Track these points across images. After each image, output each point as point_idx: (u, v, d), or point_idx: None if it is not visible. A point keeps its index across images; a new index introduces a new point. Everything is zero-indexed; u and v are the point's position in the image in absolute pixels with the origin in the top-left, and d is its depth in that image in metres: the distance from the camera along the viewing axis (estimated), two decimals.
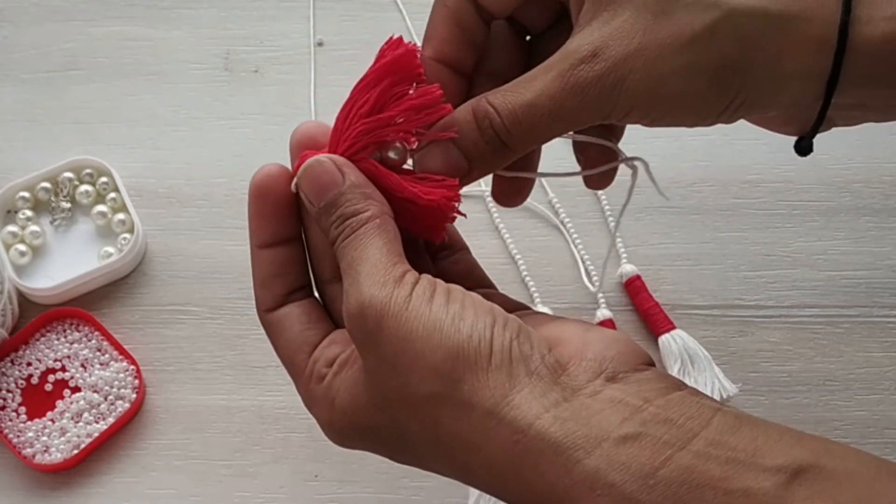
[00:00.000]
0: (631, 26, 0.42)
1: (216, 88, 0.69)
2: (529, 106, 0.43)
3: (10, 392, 0.59)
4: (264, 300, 0.46)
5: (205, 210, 0.65)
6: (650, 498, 0.36)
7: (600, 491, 0.36)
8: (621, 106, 0.43)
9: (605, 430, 0.37)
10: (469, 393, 0.38)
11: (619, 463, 0.36)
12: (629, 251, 0.64)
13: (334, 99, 0.68)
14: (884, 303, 0.62)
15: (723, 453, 0.37)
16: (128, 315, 0.62)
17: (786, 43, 0.42)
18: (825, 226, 0.64)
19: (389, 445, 0.43)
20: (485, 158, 0.44)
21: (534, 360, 0.39)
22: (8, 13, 0.71)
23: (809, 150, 0.46)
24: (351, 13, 0.72)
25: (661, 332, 0.61)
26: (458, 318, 0.40)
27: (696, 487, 0.36)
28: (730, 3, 0.42)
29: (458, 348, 0.39)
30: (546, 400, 0.38)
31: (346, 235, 0.42)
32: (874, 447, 0.58)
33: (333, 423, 0.43)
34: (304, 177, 0.44)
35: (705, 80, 0.42)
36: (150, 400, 0.60)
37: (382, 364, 0.40)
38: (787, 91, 0.43)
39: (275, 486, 0.58)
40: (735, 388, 0.59)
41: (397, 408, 0.41)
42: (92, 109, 0.68)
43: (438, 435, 0.40)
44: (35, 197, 0.64)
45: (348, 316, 0.41)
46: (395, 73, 0.44)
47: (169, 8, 0.72)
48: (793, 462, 0.36)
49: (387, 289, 0.40)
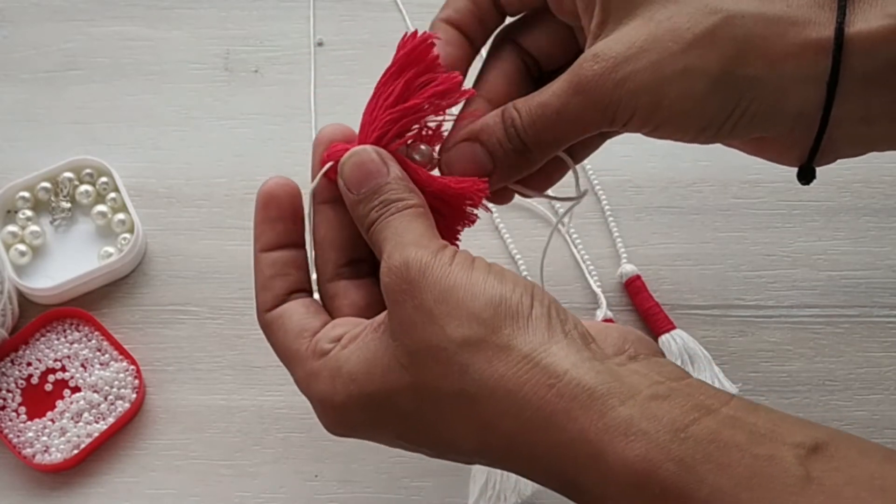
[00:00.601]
0: (635, 31, 0.44)
1: (216, 88, 0.69)
2: (542, 105, 0.45)
3: (10, 392, 0.59)
4: (264, 301, 0.46)
5: (205, 210, 0.65)
6: (681, 449, 0.37)
7: (633, 437, 0.37)
8: (624, 108, 0.44)
9: (637, 387, 0.39)
10: (507, 337, 0.40)
11: (652, 414, 0.38)
12: (629, 251, 0.64)
13: (334, 99, 0.69)
14: (884, 303, 0.62)
15: (745, 426, 0.38)
16: (128, 315, 0.62)
17: (785, 47, 0.43)
18: (825, 226, 0.64)
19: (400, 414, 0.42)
20: (508, 158, 0.46)
21: (568, 324, 0.41)
22: (8, 13, 0.71)
23: (812, 177, 0.47)
24: (351, 13, 0.72)
25: (661, 331, 0.61)
26: (500, 278, 0.41)
27: (724, 447, 0.37)
28: (729, 9, 0.43)
29: (501, 298, 0.40)
30: (581, 355, 0.40)
31: (391, 214, 0.44)
32: None
33: (336, 394, 0.43)
34: (350, 163, 0.45)
35: (707, 83, 0.43)
36: (150, 400, 0.60)
37: (419, 313, 0.41)
38: (788, 97, 0.43)
39: (275, 486, 0.58)
40: (735, 388, 0.59)
41: (425, 359, 0.41)
42: (92, 109, 0.68)
43: (465, 385, 0.40)
44: (35, 197, 0.64)
45: (389, 269, 0.42)
46: (414, 64, 0.46)
47: (169, 8, 0.72)
48: (810, 439, 0.37)
49: (431, 251, 0.42)
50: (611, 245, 0.64)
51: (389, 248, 0.42)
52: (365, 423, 0.44)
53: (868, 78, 0.43)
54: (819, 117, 0.44)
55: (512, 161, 0.46)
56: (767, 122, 0.44)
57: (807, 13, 0.43)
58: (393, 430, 0.43)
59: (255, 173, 0.66)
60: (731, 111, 0.44)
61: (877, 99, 0.43)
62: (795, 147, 0.46)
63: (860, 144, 0.46)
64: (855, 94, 0.43)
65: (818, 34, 0.42)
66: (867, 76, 0.43)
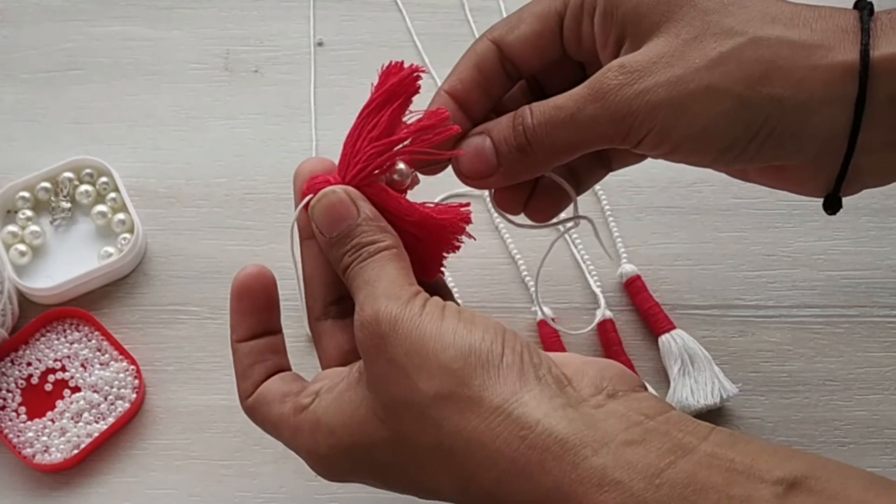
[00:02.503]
0: (661, 49, 0.43)
1: (216, 88, 0.69)
2: (556, 107, 0.45)
3: (10, 392, 0.59)
4: (245, 389, 0.47)
5: (205, 210, 0.65)
6: (656, 496, 0.36)
7: (608, 487, 0.37)
8: (640, 123, 0.43)
9: (611, 433, 0.38)
10: (478, 389, 0.39)
11: (626, 462, 0.37)
12: (629, 251, 0.64)
13: (334, 99, 0.69)
14: (884, 303, 0.62)
15: (723, 464, 0.37)
16: (128, 315, 0.62)
17: (811, 69, 0.42)
18: (825, 226, 0.64)
19: (382, 465, 0.43)
20: (512, 156, 0.46)
21: (542, 369, 0.40)
22: (8, 13, 0.71)
23: (839, 206, 0.46)
24: (351, 13, 0.72)
25: (661, 331, 0.61)
26: (470, 326, 0.41)
27: (701, 490, 0.36)
28: (755, 32, 0.43)
29: (470, 348, 0.40)
30: (554, 402, 0.39)
31: (363, 259, 0.43)
32: (874, 447, 0.58)
33: (319, 446, 0.43)
34: (319, 207, 0.45)
35: (732, 101, 0.42)
36: (150, 400, 0.60)
37: (391, 367, 0.40)
38: (814, 120, 0.43)
39: (275, 486, 0.58)
40: (735, 388, 0.59)
41: (401, 413, 0.41)
42: (92, 109, 0.68)
43: (441, 438, 0.40)
44: (35, 197, 0.64)
45: (361, 323, 0.42)
46: (399, 96, 0.45)
47: (169, 8, 0.72)
48: (788, 474, 0.37)
49: (401, 301, 0.41)
50: (611, 245, 0.64)
51: (361, 299, 0.42)
52: (349, 471, 0.44)
53: (894, 102, 0.42)
54: (846, 142, 0.43)
55: (515, 156, 0.46)
56: (793, 146, 0.44)
57: (831, 38, 0.43)
58: (376, 479, 0.44)
59: (255, 173, 0.66)
60: (756, 132, 0.43)
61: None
62: (820, 175, 0.45)
63: (886, 172, 0.46)
64: (881, 118, 0.43)
65: (843, 57, 0.42)
66: (893, 100, 0.42)
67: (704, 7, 0.44)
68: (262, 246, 0.64)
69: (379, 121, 0.45)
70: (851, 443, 0.59)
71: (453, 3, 0.72)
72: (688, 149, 0.44)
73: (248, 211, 0.65)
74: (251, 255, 0.63)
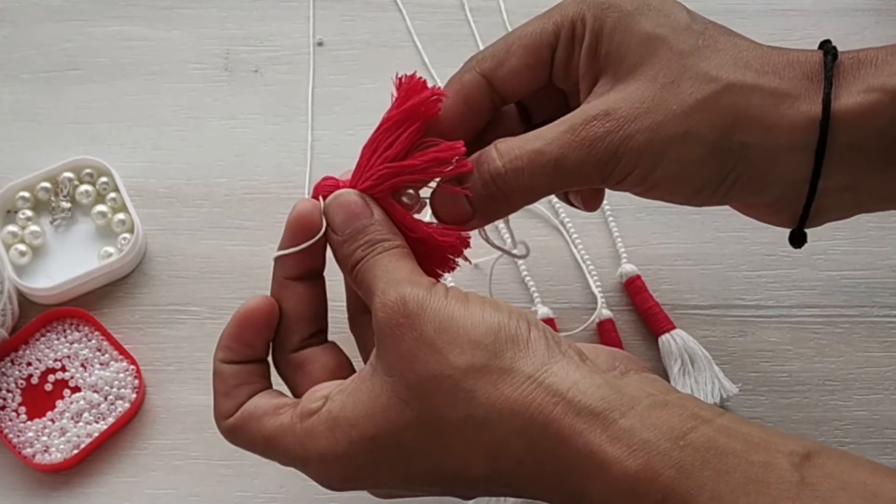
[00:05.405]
0: (641, 93, 0.45)
1: (216, 88, 0.69)
2: (537, 152, 0.46)
3: (10, 392, 0.59)
4: (228, 409, 0.46)
5: (205, 210, 0.65)
6: (681, 456, 0.38)
7: (636, 447, 0.38)
8: (623, 166, 0.45)
9: (637, 398, 0.40)
10: (510, 360, 0.41)
11: (652, 423, 0.39)
12: (629, 251, 0.64)
13: (334, 99, 0.69)
14: (884, 303, 0.62)
15: (740, 435, 0.39)
16: (128, 315, 0.62)
17: (778, 118, 0.45)
18: (825, 226, 0.64)
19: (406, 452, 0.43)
20: (484, 203, 0.47)
21: (564, 345, 0.42)
22: (8, 13, 0.71)
23: (803, 241, 0.49)
24: (351, 13, 0.72)
25: (661, 331, 0.61)
26: (495, 306, 0.43)
27: (722, 454, 0.38)
28: (728, 78, 0.45)
29: (499, 325, 0.42)
30: (581, 370, 0.41)
31: (378, 253, 0.45)
32: (874, 447, 0.59)
33: (338, 443, 0.43)
34: (334, 204, 0.46)
35: (705, 148, 0.45)
36: (150, 400, 0.60)
37: (419, 345, 0.41)
38: (779, 165, 0.45)
39: (275, 486, 0.58)
40: (735, 388, 0.59)
41: (429, 390, 0.41)
42: (92, 109, 0.68)
43: (471, 410, 0.41)
44: (35, 197, 0.64)
45: (384, 304, 0.42)
46: (418, 119, 0.46)
47: (169, 8, 0.72)
48: (802, 448, 0.39)
49: (424, 286, 0.43)
50: (611, 245, 0.64)
51: (382, 286, 0.43)
52: (370, 469, 0.44)
53: (854, 149, 0.45)
54: (807, 186, 0.46)
55: (488, 204, 0.47)
56: (759, 188, 0.46)
57: (797, 87, 0.45)
58: (398, 472, 0.44)
59: (255, 173, 0.66)
60: (725, 176, 0.46)
61: (862, 169, 0.46)
62: (786, 212, 0.48)
63: (847, 209, 0.48)
64: (840, 164, 0.45)
65: (807, 108, 0.45)
66: (853, 147, 0.45)
67: (680, 50, 0.46)
68: (261, 246, 0.64)
69: (396, 140, 0.46)
70: (851, 443, 0.59)
71: (453, 3, 0.72)
72: (664, 189, 0.47)
73: (248, 211, 0.65)
74: (251, 255, 0.64)
